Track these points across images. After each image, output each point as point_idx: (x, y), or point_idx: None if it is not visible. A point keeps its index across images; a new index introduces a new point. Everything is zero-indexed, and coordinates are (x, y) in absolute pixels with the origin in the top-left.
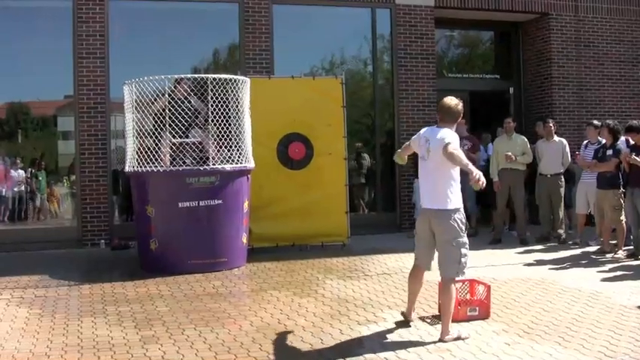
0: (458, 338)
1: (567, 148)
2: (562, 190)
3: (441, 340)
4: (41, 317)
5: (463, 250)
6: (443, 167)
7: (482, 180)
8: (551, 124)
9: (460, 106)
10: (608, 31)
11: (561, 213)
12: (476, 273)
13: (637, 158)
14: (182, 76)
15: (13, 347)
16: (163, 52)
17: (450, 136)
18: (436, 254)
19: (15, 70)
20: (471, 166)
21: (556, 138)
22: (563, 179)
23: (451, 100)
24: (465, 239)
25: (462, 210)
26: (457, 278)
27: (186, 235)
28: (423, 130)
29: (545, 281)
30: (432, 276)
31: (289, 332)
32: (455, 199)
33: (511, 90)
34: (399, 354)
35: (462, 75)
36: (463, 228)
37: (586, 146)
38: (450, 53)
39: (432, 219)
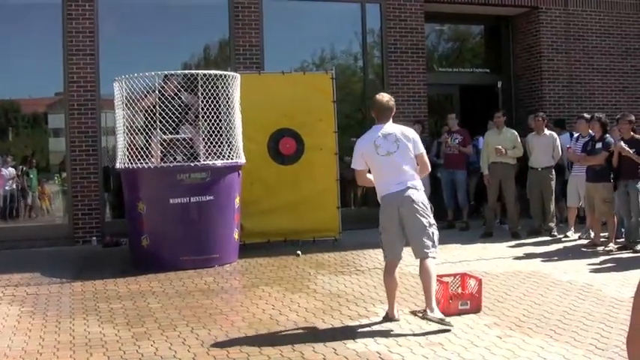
0: (441, 320)
1: (558, 142)
2: (553, 183)
3: (424, 312)
4: (33, 315)
5: (433, 229)
6: (410, 158)
7: None
8: (540, 118)
9: (392, 101)
10: (597, 25)
11: (552, 206)
12: (467, 267)
13: (627, 148)
14: (172, 72)
15: (5, 345)
16: (153, 48)
17: (416, 135)
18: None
19: (5, 67)
20: None
21: (546, 131)
22: (553, 173)
23: (383, 97)
24: (433, 220)
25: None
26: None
27: (178, 231)
28: (369, 135)
29: (537, 274)
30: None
31: (281, 328)
32: (420, 184)
33: (499, 84)
34: (391, 348)
35: (452, 69)
36: (428, 208)
37: (577, 140)
38: (440, 47)
39: (403, 203)
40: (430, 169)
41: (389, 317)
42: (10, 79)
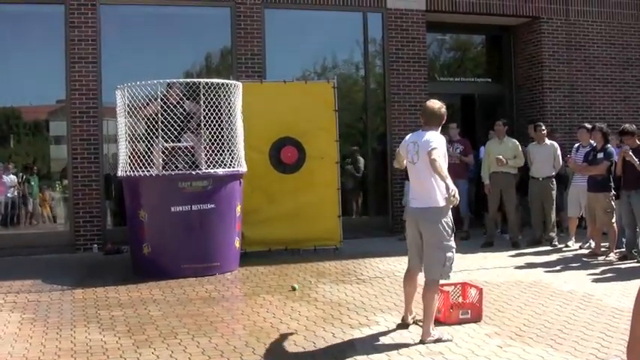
0: (438, 340)
1: (559, 151)
2: (554, 193)
3: (421, 342)
4: (34, 322)
5: (449, 254)
6: (431, 172)
7: (457, 198)
8: (544, 129)
9: (444, 108)
10: (598, 35)
11: (553, 216)
12: (468, 276)
13: (633, 155)
14: (174, 80)
15: (6, 352)
16: (155, 56)
17: (436, 140)
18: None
19: (7, 75)
20: (448, 181)
21: (547, 141)
22: (554, 182)
23: (434, 104)
24: (452, 243)
25: (450, 214)
26: (442, 281)
27: (179, 239)
28: (408, 136)
29: (538, 284)
30: None
31: (282, 336)
32: (442, 202)
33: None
34: (392, 357)
35: (454, 78)
36: (449, 231)
37: (577, 149)
38: (441, 57)
39: (419, 220)
40: (441, 172)
41: (402, 321)
42: (12, 86)
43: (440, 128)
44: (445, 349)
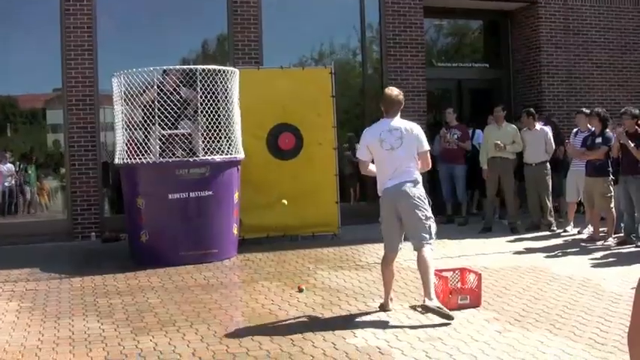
0: (440, 308)
1: (549, 135)
2: (548, 178)
3: (422, 305)
4: (32, 310)
5: (429, 222)
6: (412, 154)
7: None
8: (527, 115)
9: (401, 95)
10: (597, 19)
11: (549, 201)
12: (467, 261)
13: (627, 139)
14: (171, 67)
15: (4, 340)
16: (152, 43)
17: (424, 136)
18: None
19: (3, 63)
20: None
21: (538, 126)
22: (548, 167)
23: (392, 91)
24: (430, 212)
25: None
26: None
27: (177, 226)
28: (373, 130)
29: (536, 269)
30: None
31: (281, 322)
32: (419, 178)
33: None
34: (391, 342)
35: (452, 64)
36: (426, 201)
37: (576, 134)
38: (439, 42)
39: (399, 199)
40: (430, 167)
41: (383, 307)
42: (8, 75)
43: (399, 114)
44: (444, 334)
